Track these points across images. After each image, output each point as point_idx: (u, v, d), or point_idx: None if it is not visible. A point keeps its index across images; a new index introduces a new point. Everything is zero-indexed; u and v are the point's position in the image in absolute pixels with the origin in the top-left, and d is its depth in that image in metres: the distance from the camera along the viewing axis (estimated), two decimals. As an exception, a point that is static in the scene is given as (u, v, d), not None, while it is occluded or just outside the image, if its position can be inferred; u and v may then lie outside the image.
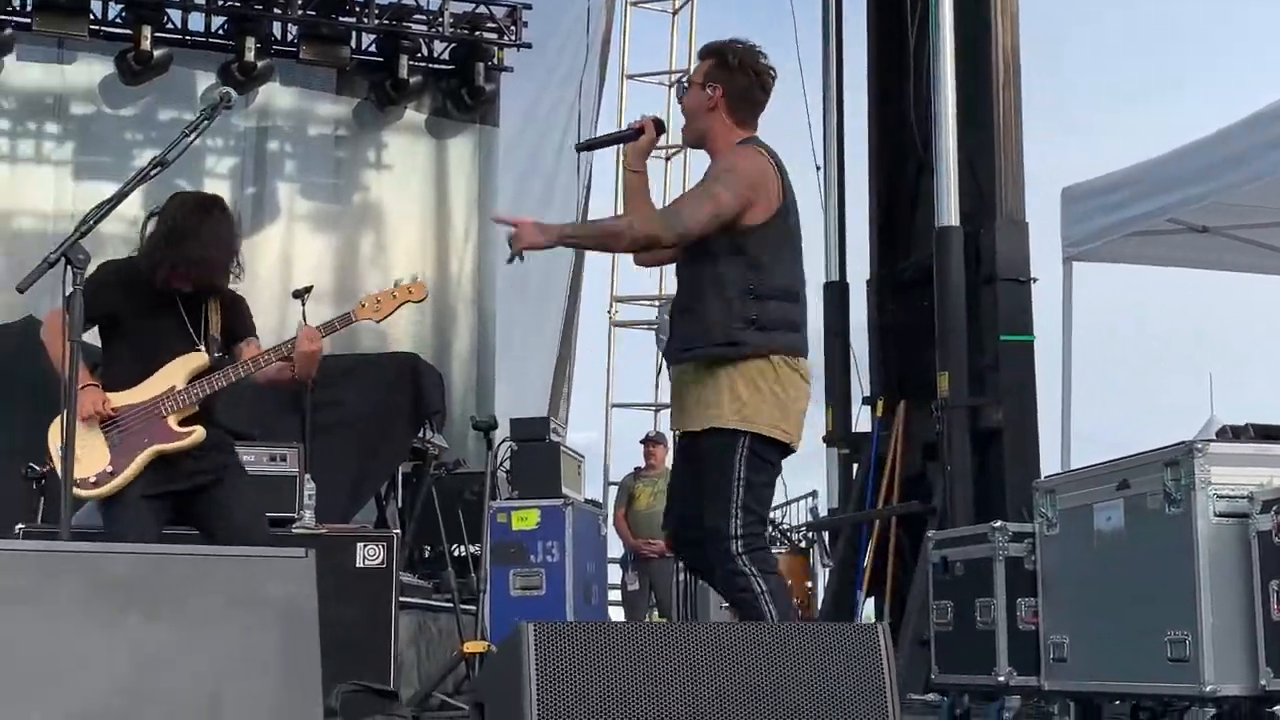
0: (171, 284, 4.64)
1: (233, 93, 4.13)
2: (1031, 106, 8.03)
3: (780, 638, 2.98)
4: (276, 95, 10.77)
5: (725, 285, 4.10)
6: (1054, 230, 7.31)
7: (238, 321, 4.79)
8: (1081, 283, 7.25)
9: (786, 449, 4.22)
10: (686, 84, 4.42)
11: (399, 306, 4.85)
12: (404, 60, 10.72)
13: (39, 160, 10.41)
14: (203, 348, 4.68)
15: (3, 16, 9.81)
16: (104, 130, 10.41)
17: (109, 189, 9.91)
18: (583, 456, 8.45)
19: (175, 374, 4.60)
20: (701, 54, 4.47)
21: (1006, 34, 7.99)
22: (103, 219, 3.92)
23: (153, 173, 4.02)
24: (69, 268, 3.80)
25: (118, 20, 10.20)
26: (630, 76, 12.63)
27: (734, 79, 4.32)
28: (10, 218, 10.26)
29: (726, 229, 4.10)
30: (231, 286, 4.90)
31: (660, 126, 4.39)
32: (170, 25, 10.30)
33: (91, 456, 4.44)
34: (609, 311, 12.32)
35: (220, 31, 10.43)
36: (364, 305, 4.84)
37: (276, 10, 10.44)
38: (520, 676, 2.80)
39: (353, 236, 11.13)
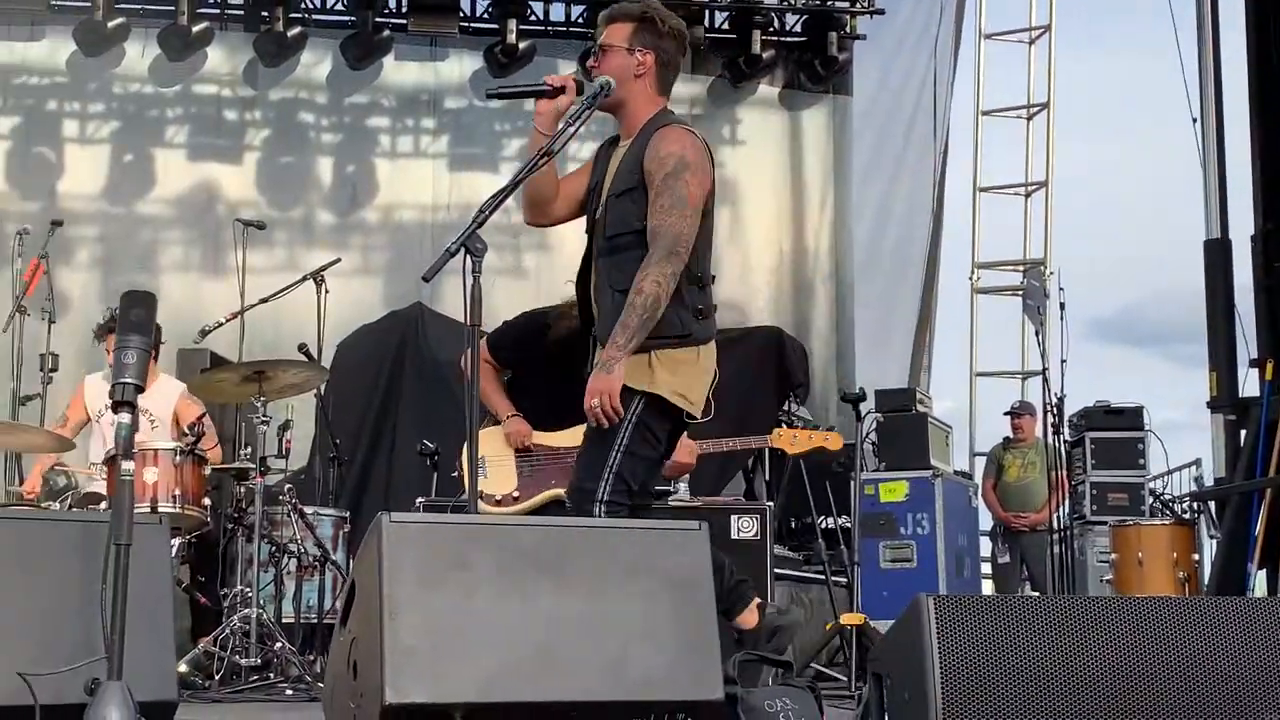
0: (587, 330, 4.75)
1: (612, 81, 4.22)
2: None
3: (1203, 613, 2.86)
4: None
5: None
6: None
7: None
8: None
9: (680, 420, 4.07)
10: (600, 49, 4.19)
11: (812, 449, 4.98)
12: (756, 35, 10.78)
13: (417, 154, 11.00)
14: None
15: (380, 19, 10.41)
16: (475, 123, 10.92)
17: (481, 179, 10.57)
18: (950, 427, 8.34)
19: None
20: (617, 15, 4.20)
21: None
22: (495, 210, 4.09)
23: (540, 162, 4.17)
24: (468, 256, 4.00)
25: (485, 15, 10.67)
26: (989, 36, 12.28)
27: (663, 45, 4.16)
28: (393, 210, 10.88)
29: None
30: None
31: (580, 89, 4.10)
32: (533, 17, 10.70)
33: (502, 476, 4.70)
34: (970, 278, 12.04)
35: (580, 20, 10.76)
36: (780, 436, 4.98)
37: (631, -5, 10.67)
38: (922, 650, 2.79)
39: (710, 213, 11.27)
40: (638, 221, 4.07)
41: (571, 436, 4.75)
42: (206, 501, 6.19)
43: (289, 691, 5.59)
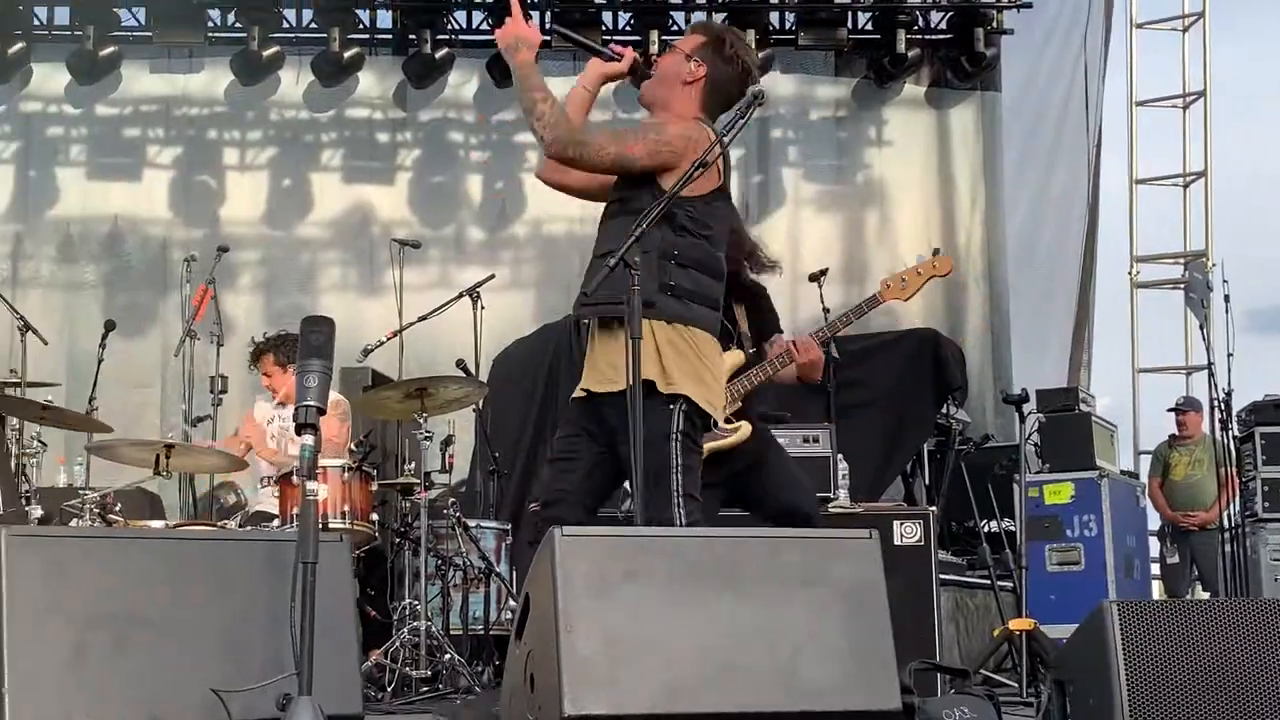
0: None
1: (765, 90, 4.23)
2: None
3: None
4: (777, 83, 10.98)
5: (647, 246, 3.90)
6: None
7: (764, 318, 4.90)
8: None
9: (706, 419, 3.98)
10: (669, 48, 4.22)
11: (926, 282, 4.82)
12: (901, 34, 10.68)
13: (561, 168, 11.10)
14: (733, 345, 4.86)
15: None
16: (619, 134, 10.97)
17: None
18: (1115, 426, 8.16)
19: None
20: (697, 27, 4.29)
21: None
22: (653, 222, 4.11)
23: (695, 174, 4.18)
24: (628, 271, 4.03)
25: (627, 28, 10.73)
26: (1140, 25, 11.99)
27: (720, 65, 4.15)
28: (542, 224, 11.01)
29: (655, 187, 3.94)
30: (766, 280, 5.04)
31: (637, 67, 4.14)
32: (675, 27, 10.73)
33: None
34: (1129, 273, 11.75)
35: (722, 27, 10.76)
36: (889, 286, 4.84)
37: (773, 0, 10.66)
38: (1107, 656, 2.74)
39: (857, 216, 11.20)
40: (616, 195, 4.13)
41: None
42: (374, 517, 6.34)
43: (459, 702, 5.68)
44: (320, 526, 5.79)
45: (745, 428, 4.73)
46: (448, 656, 5.92)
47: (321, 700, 2.89)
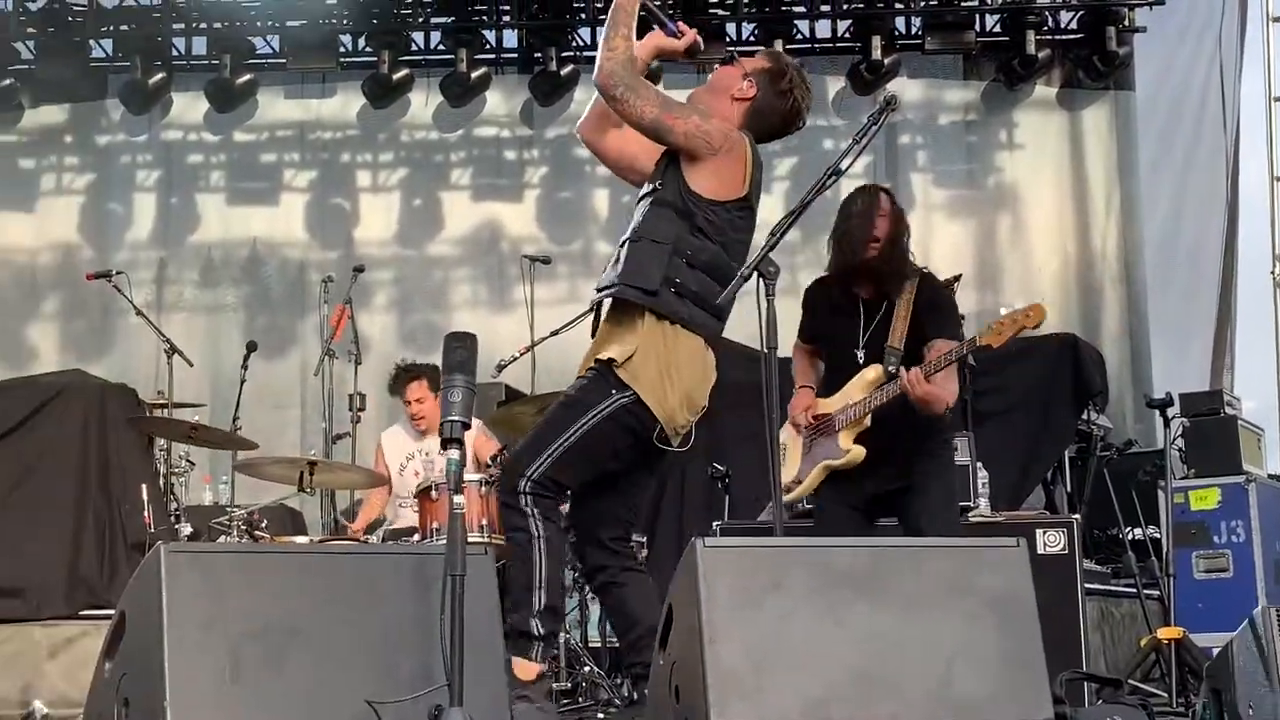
0: (850, 289, 4.77)
1: (897, 95, 4.21)
2: None
3: None
4: (905, 89, 10.88)
5: (660, 233, 3.99)
6: None
7: (930, 324, 4.73)
8: None
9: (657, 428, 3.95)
10: (734, 56, 4.30)
11: (1016, 332, 4.73)
12: (1030, 35, 10.52)
13: (690, 179, 11.12)
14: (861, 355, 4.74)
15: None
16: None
17: (766, 202, 10.55)
18: (1262, 430, 7.93)
19: (854, 387, 4.71)
20: (763, 54, 4.34)
21: None
22: (787, 231, 4.10)
23: (828, 182, 4.16)
24: (761, 280, 4.02)
25: (751, 38, 10.71)
26: (1276, 19, 11.65)
27: (771, 95, 4.19)
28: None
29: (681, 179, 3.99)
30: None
31: (695, 50, 4.21)
32: (799, 36, 10.70)
33: (791, 460, 4.66)
34: (1272, 272, 11.42)
35: (846, 35, 10.70)
36: (987, 328, 4.78)
37: (899, 5, 10.58)
38: (1265, 663, 2.67)
39: (989, 220, 11.05)
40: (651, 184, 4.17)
41: (838, 399, 4.70)
42: (512, 530, 6.37)
43: (600, 716, 5.70)
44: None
45: (857, 452, 4.65)
46: (587, 669, 5.95)
47: (472, 711, 2.93)
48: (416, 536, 6.38)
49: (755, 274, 3.99)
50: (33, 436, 7.35)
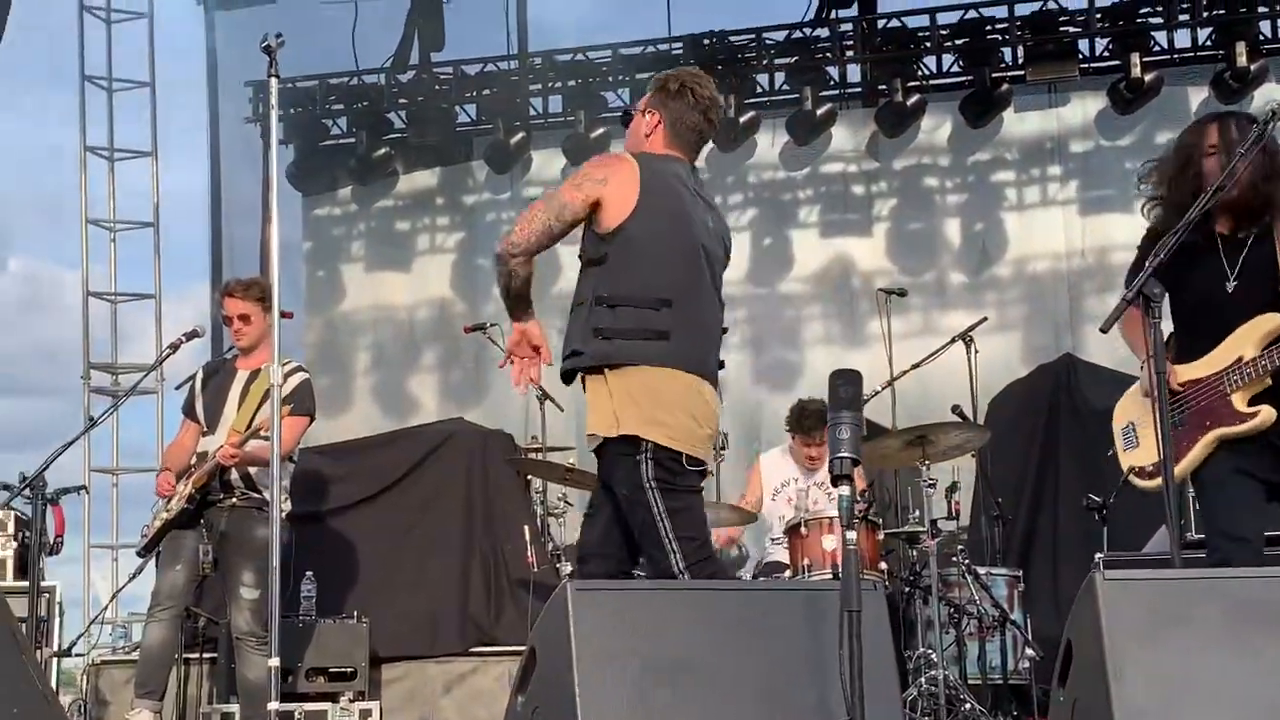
0: (1208, 227, 4.22)
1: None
2: None
3: None
4: (1274, 94, 10.31)
5: (583, 293, 4.03)
6: None
7: None
8: None
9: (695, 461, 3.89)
10: (629, 110, 4.26)
11: None
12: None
13: (1045, 204, 10.87)
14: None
15: (996, 74, 10.38)
16: (1103, 164, 10.62)
17: (1115, 221, 10.23)
18: None
19: (1244, 341, 4.13)
20: (650, 83, 4.24)
21: None
22: (1171, 252, 3.92)
23: (1209, 202, 4.00)
24: (1146, 303, 3.86)
25: (1105, 55, 10.38)
26: None
27: (670, 106, 4.14)
28: (1026, 262, 10.79)
29: (591, 233, 4.03)
30: None
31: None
32: (1156, 47, 10.30)
33: (1150, 441, 4.00)
34: None
35: (1208, 43, 10.24)
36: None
37: (1263, 9, 10.05)
38: None
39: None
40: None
41: (1217, 359, 4.14)
42: (883, 566, 6.37)
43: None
44: (833, 576, 5.92)
45: (1267, 413, 4.04)
46: (967, 706, 5.85)
47: (871, 745, 2.93)
48: (788, 573, 6.44)
49: (1140, 297, 3.86)
50: (422, 482, 7.82)
